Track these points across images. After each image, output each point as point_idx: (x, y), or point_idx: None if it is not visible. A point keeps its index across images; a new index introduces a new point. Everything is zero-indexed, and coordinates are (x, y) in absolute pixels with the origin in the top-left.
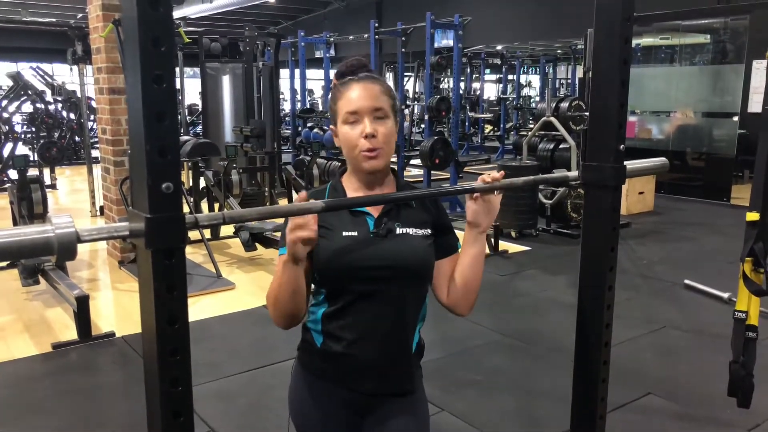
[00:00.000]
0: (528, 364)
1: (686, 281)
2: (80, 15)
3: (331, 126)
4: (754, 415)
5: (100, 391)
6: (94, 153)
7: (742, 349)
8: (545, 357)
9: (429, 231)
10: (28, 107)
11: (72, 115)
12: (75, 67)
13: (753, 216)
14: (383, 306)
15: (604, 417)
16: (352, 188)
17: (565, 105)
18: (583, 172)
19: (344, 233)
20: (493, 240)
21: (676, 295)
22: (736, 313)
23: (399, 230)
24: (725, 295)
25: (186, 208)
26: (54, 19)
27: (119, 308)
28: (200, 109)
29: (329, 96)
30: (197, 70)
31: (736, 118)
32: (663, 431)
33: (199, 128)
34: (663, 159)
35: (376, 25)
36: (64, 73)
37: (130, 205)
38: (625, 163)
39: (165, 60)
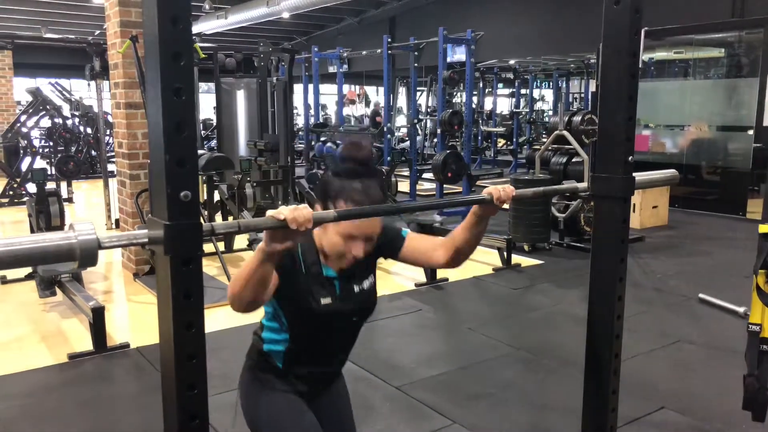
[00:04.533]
0: (540, 378)
1: (701, 295)
2: (98, 32)
3: (317, 205)
4: None
5: (116, 402)
6: (110, 167)
7: (756, 362)
8: (557, 370)
9: (373, 275)
10: (45, 122)
11: (89, 130)
12: (93, 83)
13: (766, 228)
14: (343, 334)
15: (615, 428)
16: (321, 252)
17: (577, 119)
18: (592, 183)
19: (323, 301)
20: (505, 254)
21: (690, 309)
22: (750, 326)
23: (356, 288)
24: (741, 310)
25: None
26: (72, 36)
27: (134, 320)
28: (214, 124)
29: (333, 183)
30: (212, 85)
31: (751, 132)
32: None
33: (213, 143)
34: (673, 171)
35: (389, 40)
36: (80, 89)
37: (148, 215)
38: (634, 174)
39: (184, 74)
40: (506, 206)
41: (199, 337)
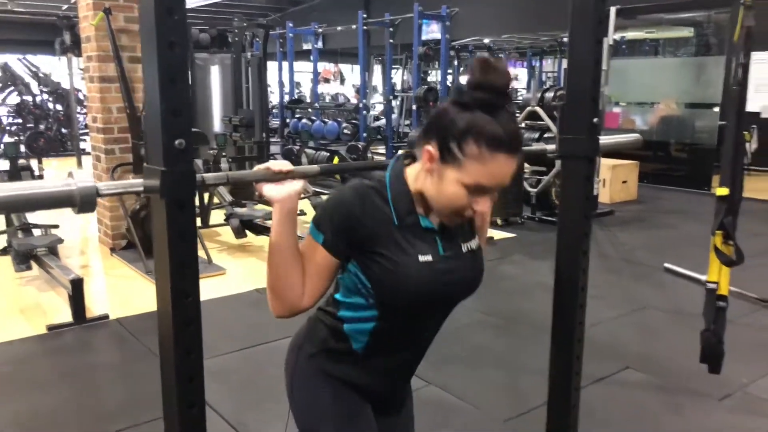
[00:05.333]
0: (512, 342)
1: (666, 265)
2: (65, 6)
3: (429, 147)
4: (726, 386)
5: (97, 370)
6: (82, 144)
7: (713, 318)
8: (528, 335)
9: (476, 237)
10: (13, 98)
11: (58, 107)
12: (63, 57)
13: (723, 191)
14: (438, 317)
15: (579, 389)
16: (417, 199)
17: (549, 95)
18: (559, 144)
19: (421, 258)
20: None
21: (656, 278)
22: (708, 284)
23: (464, 247)
24: (704, 278)
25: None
26: (39, 10)
27: (112, 292)
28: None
29: (456, 117)
30: None
31: (717, 109)
32: (640, 402)
33: None
34: (636, 135)
35: (365, 16)
36: (48, 65)
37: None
38: (600, 138)
39: (178, 27)
40: None
41: (193, 276)
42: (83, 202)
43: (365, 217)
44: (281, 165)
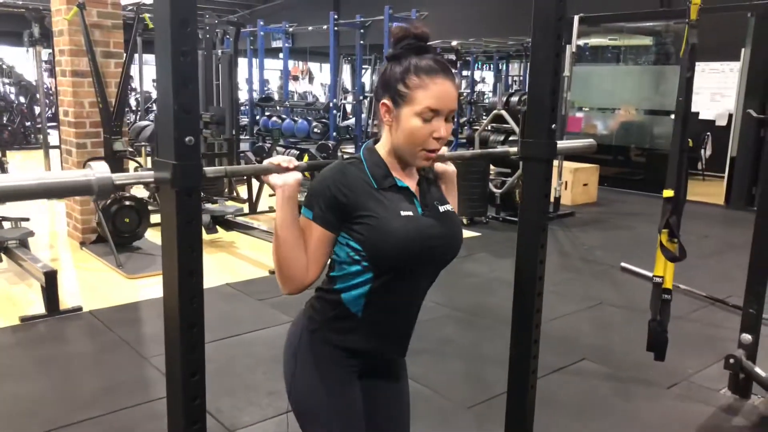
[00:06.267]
0: (476, 335)
1: (622, 264)
2: None
3: (384, 101)
4: (673, 376)
5: (72, 360)
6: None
7: (659, 309)
8: (492, 328)
9: (449, 205)
10: None
11: (22, 99)
12: (31, 50)
13: (668, 193)
14: (424, 278)
15: (536, 372)
16: (391, 166)
17: (515, 99)
18: (521, 147)
19: (402, 213)
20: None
21: (612, 276)
22: (654, 278)
23: (441, 208)
24: None
25: (147, 192)
26: (4, 1)
27: (84, 285)
28: (154, 97)
29: (394, 69)
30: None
31: (674, 117)
32: (594, 390)
33: (151, 116)
34: (591, 140)
35: (335, 17)
36: (10, 57)
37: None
38: (557, 142)
39: (190, 38)
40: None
41: (198, 257)
42: (101, 191)
43: (347, 188)
44: (286, 160)
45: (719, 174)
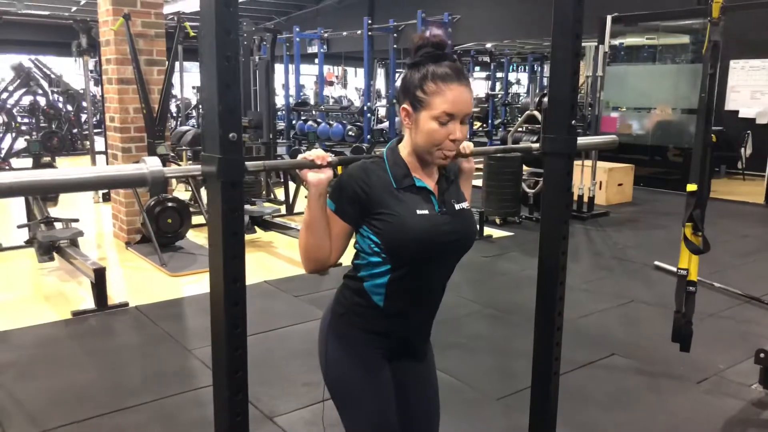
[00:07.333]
0: (506, 331)
1: (656, 263)
2: (74, 8)
3: (404, 106)
4: (704, 371)
5: (121, 351)
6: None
7: (683, 301)
8: (522, 324)
9: (466, 202)
10: (26, 99)
11: (69, 107)
12: (80, 59)
13: (692, 187)
14: (440, 270)
15: (558, 373)
16: (411, 167)
17: (546, 100)
18: (542, 142)
19: (418, 212)
20: (478, 226)
21: (646, 275)
22: (679, 270)
23: (457, 206)
24: None
25: (188, 194)
26: (47, 12)
27: (130, 282)
28: (194, 104)
29: (413, 76)
30: (197, 64)
31: None
32: (624, 384)
33: (191, 121)
34: (613, 136)
35: (369, 21)
36: (58, 66)
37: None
38: (578, 138)
39: (233, 44)
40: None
41: (241, 242)
42: (154, 182)
43: (369, 185)
44: (321, 154)
45: (760, 173)
